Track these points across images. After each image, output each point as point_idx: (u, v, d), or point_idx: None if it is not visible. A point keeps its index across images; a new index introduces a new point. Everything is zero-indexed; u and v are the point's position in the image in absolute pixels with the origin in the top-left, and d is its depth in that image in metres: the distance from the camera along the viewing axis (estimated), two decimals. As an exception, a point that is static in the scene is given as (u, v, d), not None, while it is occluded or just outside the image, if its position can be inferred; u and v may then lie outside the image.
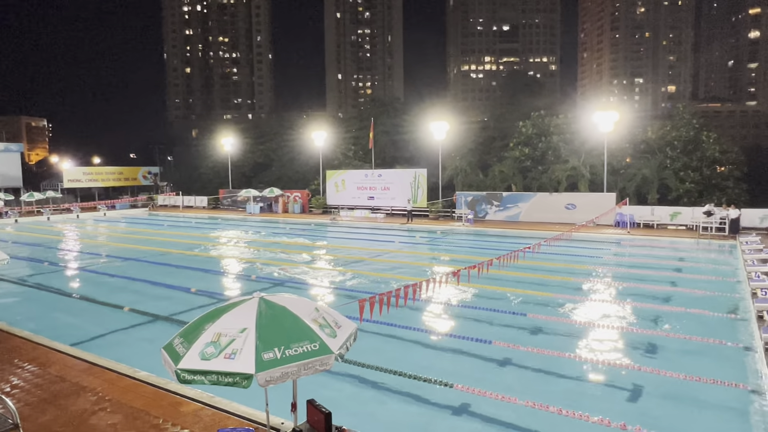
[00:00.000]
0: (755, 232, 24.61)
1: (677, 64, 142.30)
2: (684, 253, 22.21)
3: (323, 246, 25.72)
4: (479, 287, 15.21)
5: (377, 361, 9.47)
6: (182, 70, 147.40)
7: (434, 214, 35.47)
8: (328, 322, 5.17)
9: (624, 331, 11.58)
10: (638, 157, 33.61)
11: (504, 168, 36.89)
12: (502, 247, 21.71)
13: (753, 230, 25.23)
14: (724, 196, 30.19)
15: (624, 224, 27.86)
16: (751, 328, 11.10)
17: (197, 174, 57.37)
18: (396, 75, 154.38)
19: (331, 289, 16.08)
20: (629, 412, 7.80)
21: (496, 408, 7.85)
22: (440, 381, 8.63)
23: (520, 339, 10.99)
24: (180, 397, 7.91)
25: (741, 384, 8.46)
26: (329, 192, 40.57)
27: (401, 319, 11.61)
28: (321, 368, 4.82)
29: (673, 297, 14.31)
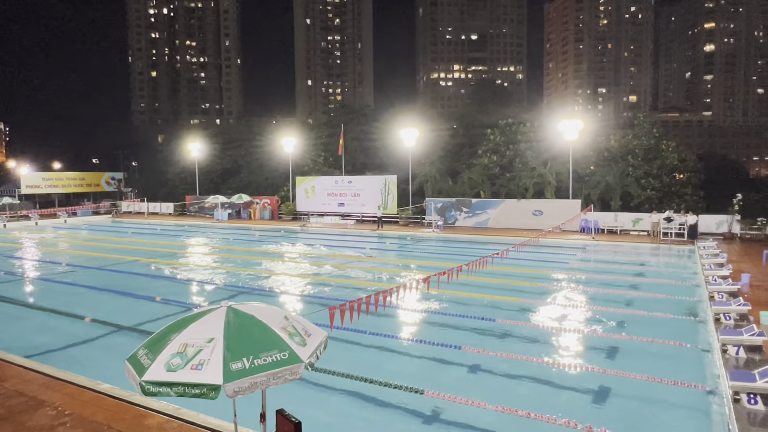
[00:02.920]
0: (712, 237, 25.59)
1: (638, 75, 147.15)
2: (646, 258, 22.88)
3: (293, 253, 25.49)
4: (449, 293, 15.32)
5: (348, 368, 9.43)
6: (148, 74, 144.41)
7: (404, 220, 35.60)
8: (297, 331, 5.12)
9: (589, 335, 11.83)
10: (602, 165, 34.54)
11: (473, 175, 37.36)
12: (472, 253, 21.94)
13: (710, 235, 26.22)
14: (683, 203, 31.28)
15: (589, 230, 28.55)
16: (709, 330, 11.50)
17: (163, 180, 56.15)
18: (366, 82, 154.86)
19: (301, 296, 15.93)
20: (595, 413, 7.97)
21: (466, 413, 7.91)
22: (411, 388, 8.65)
23: (489, 344, 11.11)
24: (144, 410, 7.70)
25: (700, 385, 8.75)
26: (299, 198, 40.29)
27: (372, 326, 11.59)
28: (291, 377, 4.77)
29: (636, 301, 14.72)
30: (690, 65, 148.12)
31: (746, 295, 13.90)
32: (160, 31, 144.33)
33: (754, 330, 9.61)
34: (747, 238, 26.33)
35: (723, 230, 27.04)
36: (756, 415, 7.06)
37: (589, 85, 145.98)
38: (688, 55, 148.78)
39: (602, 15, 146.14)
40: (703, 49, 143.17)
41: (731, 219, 27.14)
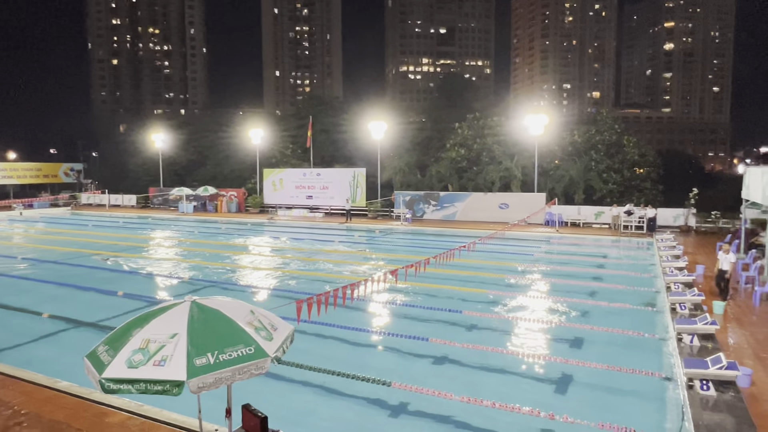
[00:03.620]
0: (669, 230, 26.53)
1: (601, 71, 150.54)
2: (607, 250, 23.55)
3: (260, 246, 25.20)
4: (417, 286, 15.43)
5: (315, 362, 9.40)
6: (109, 61, 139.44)
7: (373, 213, 35.61)
8: (263, 325, 5.06)
9: (552, 326, 12.12)
10: (566, 159, 35.27)
11: (441, 168, 37.61)
12: (440, 245, 22.13)
13: (667, 228, 27.17)
14: (643, 196, 32.26)
15: (553, 223, 29.17)
16: (666, 319, 11.94)
17: (125, 171, 54.52)
18: (335, 73, 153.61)
19: (268, 290, 15.78)
20: (558, 402, 8.18)
21: (433, 404, 8.00)
22: (378, 380, 8.69)
23: (456, 336, 11.25)
24: (105, 407, 7.50)
25: (657, 372, 9.08)
26: (267, 191, 39.79)
27: (340, 319, 11.58)
28: (257, 372, 4.72)
29: (597, 292, 15.15)
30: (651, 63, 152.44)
31: (701, 285, 14.49)
32: (121, 17, 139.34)
33: (707, 319, 10.01)
34: (702, 231, 27.39)
35: (680, 223, 28.06)
36: (708, 401, 7.38)
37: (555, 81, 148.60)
38: (649, 53, 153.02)
39: (568, 12, 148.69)
40: (663, 48, 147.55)
41: (687, 212, 28.18)
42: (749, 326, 11.12)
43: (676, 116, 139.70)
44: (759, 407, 7.30)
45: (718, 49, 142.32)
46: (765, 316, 11.79)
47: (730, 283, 13.51)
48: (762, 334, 10.56)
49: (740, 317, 11.81)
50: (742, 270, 15.80)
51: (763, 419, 6.94)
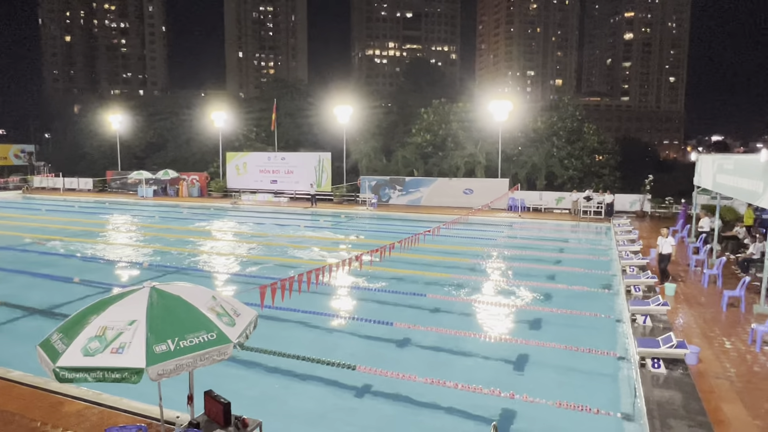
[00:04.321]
0: (626, 215, 27.35)
1: (564, 59, 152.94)
2: (567, 234, 24.18)
3: (223, 231, 24.77)
4: (382, 270, 15.51)
5: (279, 347, 9.37)
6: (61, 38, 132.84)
7: (338, 198, 35.46)
8: (226, 311, 5.00)
9: (514, 308, 12.42)
10: (529, 146, 35.88)
11: (407, 153, 37.69)
12: (405, 230, 22.25)
13: (624, 213, 28.03)
14: (601, 182, 33.20)
15: (516, 208, 29.71)
16: (621, 301, 12.39)
17: (81, 153, 52.47)
18: (300, 56, 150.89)
19: (231, 275, 15.57)
20: (518, 381, 8.41)
21: (397, 387, 8.10)
22: (343, 364, 8.73)
23: (420, 319, 11.39)
24: (62, 397, 7.29)
25: (612, 352, 9.44)
26: (230, 175, 39.04)
27: (304, 305, 11.54)
28: (219, 358, 4.66)
29: (557, 275, 15.57)
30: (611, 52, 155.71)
31: (654, 268, 15.05)
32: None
33: (659, 300, 10.44)
34: (657, 216, 28.41)
35: (636, 209, 29.00)
36: (659, 378, 7.72)
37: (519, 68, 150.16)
38: (609, 42, 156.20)
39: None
40: (623, 37, 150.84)
41: (643, 198, 29.14)
42: (698, 307, 11.67)
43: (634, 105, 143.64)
44: (705, 383, 7.70)
45: (675, 40, 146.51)
46: (712, 298, 12.39)
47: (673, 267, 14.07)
48: (709, 315, 11.10)
49: (690, 299, 12.37)
50: (692, 254, 16.50)
51: (709, 394, 7.32)
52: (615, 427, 7.02)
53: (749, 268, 13.96)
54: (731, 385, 7.66)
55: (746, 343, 9.37)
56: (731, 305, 11.56)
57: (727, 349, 9.08)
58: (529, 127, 36.79)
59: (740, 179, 13.18)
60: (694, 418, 6.56)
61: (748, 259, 14.39)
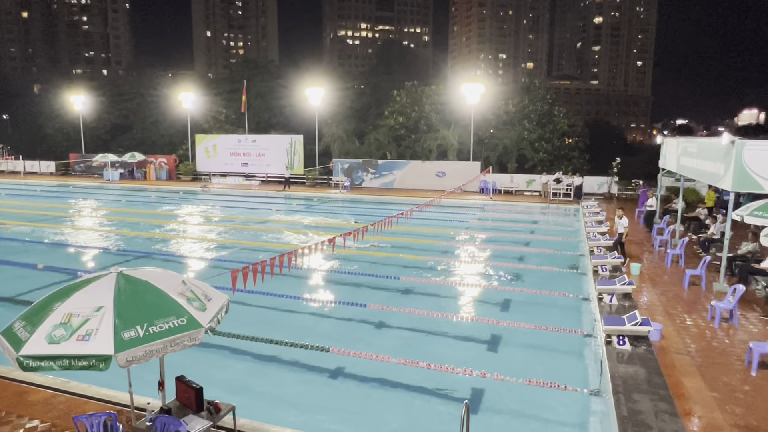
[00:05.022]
0: (594, 197, 27.97)
1: (535, 42, 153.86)
2: (537, 216, 24.59)
3: (193, 215, 24.35)
4: (355, 253, 15.52)
5: (252, 331, 9.31)
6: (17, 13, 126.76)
7: (311, 181, 35.21)
8: (196, 295, 4.92)
9: (485, 289, 12.61)
10: (500, 129, 36.16)
11: (379, 136, 37.54)
12: (378, 213, 22.27)
13: (592, 195, 28.65)
14: (571, 165, 33.76)
15: (488, 190, 30.03)
16: (589, 280, 12.71)
17: (41, 135, 50.55)
18: (270, 36, 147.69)
19: (201, 260, 15.35)
20: (489, 360, 8.58)
21: (369, 368, 8.16)
22: (317, 346, 8.74)
23: (393, 301, 11.47)
24: (27, 386, 7.11)
25: (580, 330, 9.69)
26: (199, 158, 38.27)
27: (277, 288, 11.48)
28: (190, 343, 4.60)
29: (528, 256, 15.85)
30: (581, 35, 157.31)
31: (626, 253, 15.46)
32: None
33: (625, 280, 10.75)
34: (623, 198, 29.11)
35: (603, 191, 29.67)
36: (624, 354, 7.98)
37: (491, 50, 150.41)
38: (579, 26, 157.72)
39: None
40: (593, 21, 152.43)
41: (611, 180, 29.81)
42: (661, 285, 12.06)
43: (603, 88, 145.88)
44: (667, 358, 7.99)
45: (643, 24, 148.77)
46: (675, 277, 12.82)
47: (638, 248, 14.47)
48: (672, 293, 11.49)
49: (654, 277, 12.77)
50: (657, 234, 17.00)
51: (671, 369, 7.61)
52: (582, 402, 7.25)
53: (710, 247, 14.48)
54: (691, 360, 7.97)
55: (706, 319, 9.75)
56: (693, 284, 11.99)
57: (688, 326, 9.44)
58: (500, 110, 37.03)
59: (703, 162, 13.58)
60: (656, 392, 6.81)
61: (709, 239, 14.91)
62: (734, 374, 7.53)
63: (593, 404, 7.17)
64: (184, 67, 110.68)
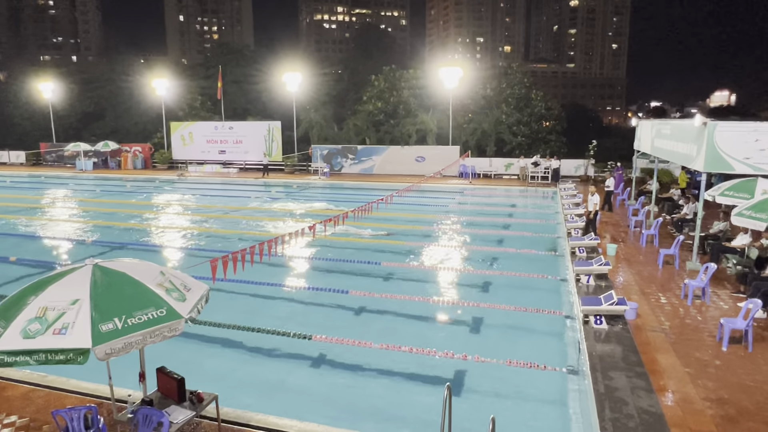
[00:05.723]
0: (571, 180, 28.33)
1: (512, 26, 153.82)
2: (516, 200, 24.82)
3: (170, 204, 23.98)
4: (336, 240, 15.50)
5: (233, 320, 9.27)
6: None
7: (290, 168, 34.90)
8: (175, 286, 4.87)
9: (465, 273, 12.73)
10: (478, 113, 36.23)
11: (358, 121, 37.31)
12: (358, 199, 22.19)
13: (570, 178, 29.01)
14: (548, 148, 34.06)
15: (467, 175, 30.16)
16: (566, 262, 12.92)
17: (10, 125, 49.01)
18: (245, 20, 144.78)
19: (180, 250, 15.18)
20: (470, 343, 8.70)
21: (353, 354, 8.21)
22: (298, 334, 8.74)
23: (374, 286, 11.51)
24: (3, 381, 6.98)
25: (558, 311, 9.87)
26: (175, 146, 37.58)
27: (257, 276, 11.41)
28: (170, 334, 4.56)
29: (507, 239, 16.02)
30: (557, 18, 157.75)
31: (597, 230, 15.73)
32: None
33: (601, 261, 10.94)
34: (600, 180, 29.48)
35: (580, 173, 30.04)
36: (601, 333, 8.17)
37: (468, 34, 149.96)
38: (555, 9, 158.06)
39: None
40: (569, 4, 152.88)
41: (587, 163, 30.19)
42: (636, 265, 12.33)
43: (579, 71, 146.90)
44: (642, 336, 8.20)
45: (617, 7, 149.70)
46: (650, 256, 13.11)
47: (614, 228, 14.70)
48: (647, 272, 11.76)
49: (629, 258, 13.04)
50: (632, 215, 17.32)
51: (645, 346, 7.81)
52: (561, 381, 7.41)
53: (683, 227, 14.83)
54: (665, 337, 8.20)
55: (679, 297, 10.01)
56: (667, 263, 12.28)
57: (662, 304, 9.68)
58: (478, 94, 37.06)
59: (676, 143, 13.83)
60: (632, 369, 7.00)
61: (682, 219, 15.26)
62: (706, 350, 7.77)
63: (571, 382, 7.34)
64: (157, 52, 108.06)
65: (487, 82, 38.49)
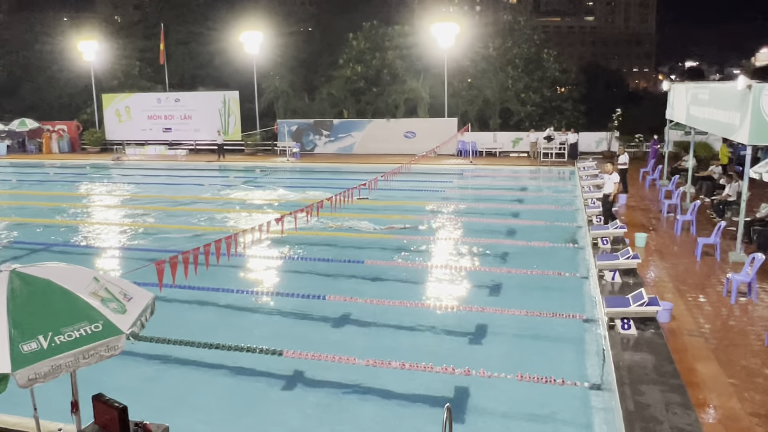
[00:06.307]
0: (591, 156, 28.54)
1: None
2: (525, 182, 25.00)
3: (105, 195, 23.79)
4: (309, 235, 15.48)
5: (187, 334, 9.23)
6: None
7: (252, 148, 34.73)
8: (113, 295, 4.83)
9: (466, 271, 12.81)
10: (480, 78, 36.26)
11: (334, 90, 37.14)
12: (335, 185, 22.15)
13: (590, 155, 29.22)
14: (564, 119, 34.25)
15: (466, 153, 30.26)
16: (587, 256, 13.07)
17: None
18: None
19: (118, 251, 15.11)
20: (474, 356, 8.77)
21: (332, 372, 8.23)
22: (267, 349, 8.74)
23: (357, 290, 11.54)
24: None
25: (577, 314, 9.99)
26: (109, 123, 37.20)
27: (214, 281, 11.38)
28: (108, 354, 4.53)
29: (515, 230, 16.14)
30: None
31: (623, 217, 15.93)
32: None
33: (629, 253, 11.07)
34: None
35: (602, 148, 30.31)
36: (629, 340, 8.29)
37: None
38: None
39: None
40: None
41: (610, 136, 30.45)
42: (670, 258, 12.51)
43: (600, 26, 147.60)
44: (678, 341, 8.34)
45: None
46: (686, 246, 13.31)
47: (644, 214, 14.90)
48: (683, 265, 11.94)
49: (662, 249, 13.23)
50: (664, 198, 17.54)
51: (682, 353, 7.95)
52: (583, 398, 7.51)
53: (725, 211, 15.06)
54: (706, 343, 8.35)
55: (721, 295, 10.19)
56: (706, 254, 12.47)
57: (701, 303, 9.85)
58: (479, 54, 37.04)
59: (715, 111, 13.99)
60: (667, 381, 7.12)
61: (724, 202, 15.49)
62: (754, 356, 7.92)
63: (595, 399, 7.45)
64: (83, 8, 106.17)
65: (490, 40, 38.46)
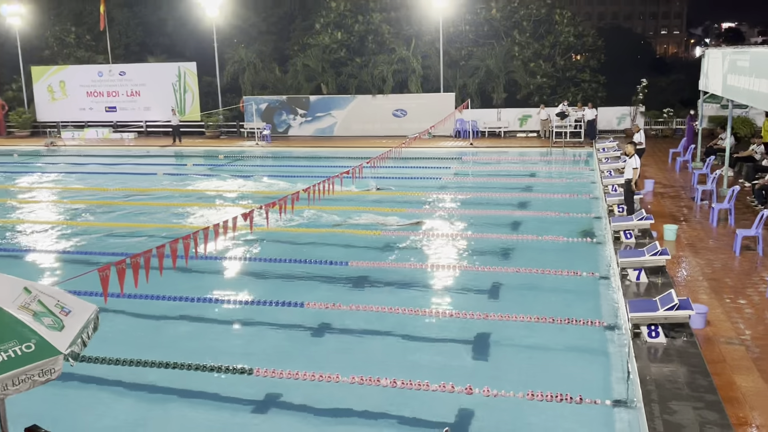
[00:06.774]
0: (612, 135, 28.65)
1: None
2: (535, 166, 25.09)
3: (37, 188, 23.64)
4: (282, 231, 15.45)
5: (136, 353, 9.19)
6: None
7: (213, 129, 34.59)
8: (48, 308, 4.81)
9: (467, 271, 12.87)
10: (481, 44, 36.27)
11: (310, 61, 36.96)
12: (313, 172, 22.18)
13: (610, 133, 29.35)
14: (580, 92, 34.32)
15: (465, 134, 30.30)
16: (608, 251, 13.12)
17: None
18: None
19: (53, 254, 15.04)
20: (477, 371, 8.81)
21: (312, 391, 8.24)
22: (234, 368, 8.73)
23: (340, 295, 11.55)
24: None
25: (597, 321, 10.02)
26: (40, 101, 36.96)
27: (171, 289, 11.34)
28: (43, 378, 4.51)
29: (524, 223, 16.21)
30: None
31: (649, 206, 16.01)
32: None
33: (656, 248, 11.11)
34: (652, 134, 29.97)
35: (625, 126, 30.43)
36: (657, 350, 8.34)
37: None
38: None
39: None
40: None
41: (635, 111, 30.58)
42: (705, 252, 12.61)
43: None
44: (713, 351, 8.42)
45: None
46: (723, 239, 13.42)
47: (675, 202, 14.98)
48: (719, 261, 12.04)
49: (695, 242, 13.33)
50: (697, 183, 17.67)
51: (719, 364, 8.02)
52: (604, 417, 7.56)
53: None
54: (746, 352, 8.43)
55: (764, 296, 10.28)
56: (746, 248, 12.56)
57: (740, 306, 9.94)
58: (480, 16, 37.04)
59: (758, 80, 14.05)
60: (701, 397, 7.17)
61: (767, 187, 15.61)
62: (801, 367, 8.01)
63: (618, 418, 7.49)
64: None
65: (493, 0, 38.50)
